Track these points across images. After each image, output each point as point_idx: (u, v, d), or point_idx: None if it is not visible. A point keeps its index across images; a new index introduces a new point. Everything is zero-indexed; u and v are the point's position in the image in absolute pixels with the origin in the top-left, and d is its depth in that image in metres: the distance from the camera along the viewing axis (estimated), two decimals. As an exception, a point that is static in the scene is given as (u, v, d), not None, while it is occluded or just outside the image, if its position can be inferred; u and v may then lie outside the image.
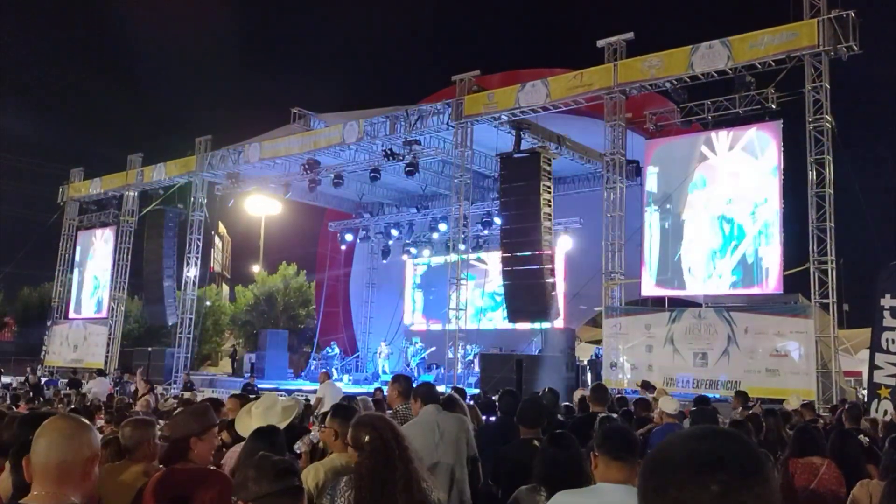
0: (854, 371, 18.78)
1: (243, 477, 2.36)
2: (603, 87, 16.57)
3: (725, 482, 1.00)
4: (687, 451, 1.05)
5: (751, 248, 15.12)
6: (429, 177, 23.13)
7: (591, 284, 17.97)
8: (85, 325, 27.67)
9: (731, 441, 1.07)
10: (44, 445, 2.22)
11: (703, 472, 1.01)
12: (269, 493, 2.26)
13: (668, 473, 1.03)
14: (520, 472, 3.85)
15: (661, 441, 1.15)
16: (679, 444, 1.07)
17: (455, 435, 4.89)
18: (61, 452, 2.23)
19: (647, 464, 1.10)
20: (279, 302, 38.27)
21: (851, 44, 14.01)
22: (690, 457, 1.04)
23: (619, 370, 15.84)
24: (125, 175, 26.76)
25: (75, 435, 2.27)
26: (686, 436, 1.10)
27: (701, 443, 1.06)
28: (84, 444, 2.27)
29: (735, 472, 1.02)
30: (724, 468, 1.01)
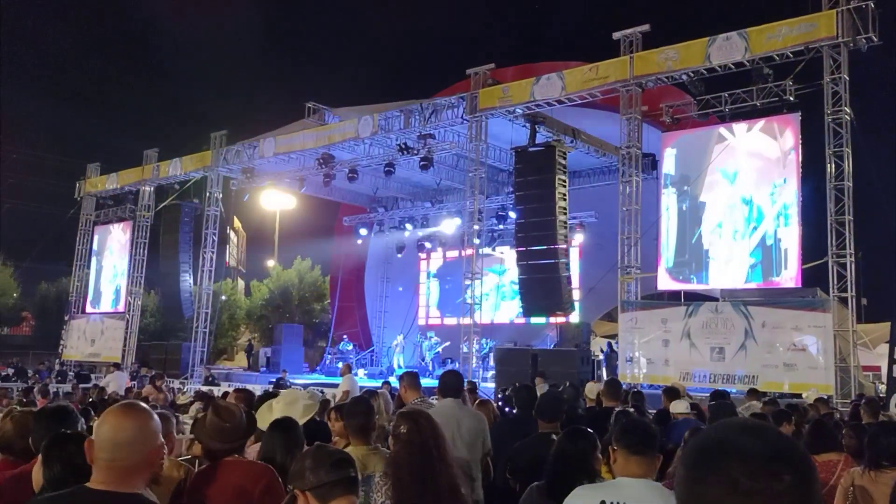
0: (873, 366, 18.61)
1: (300, 467, 2.39)
2: (619, 79, 16.47)
3: (797, 474, 1.03)
4: (756, 441, 1.05)
5: (770, 230, 14.92)
6: (443, 171, 23.10)
7: (607, 278, 17.89)
8: (102, 319, 27.88)
9: (787, 438, 1.09)
10: (108, 433, 2.17)
11: (777, 464, 1.03)
12: (326, 482, 2.31)
13: (736, 463, 1.03)
14: (537, 466, 3.83)
15: (706, 432, 1.13)
16: (740, 436, 1.07)
17: (473, 432, 4.88)
18: (126, 440, 2.19)
19: (701, 451, 1.09)
20: (294, 296, 38.39)
21: (871, 35, 13.85)
22: (763, 448, 1.04)
23: (634, 365, 15.76)
24: (141, 170, 26.92)
25: (140, 422, 2.24)
26: (740, 427, 1.10)
27: (764, 435, 1.07)
28: (149, 433, 2.24)
29: (802, 466, 1.04)
30: (792, 462, 1.04)
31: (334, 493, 2.32)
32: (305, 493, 2.33)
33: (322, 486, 2.31)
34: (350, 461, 2.45)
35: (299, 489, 2.35)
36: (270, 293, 38.94)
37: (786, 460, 1.04)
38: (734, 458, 1.04)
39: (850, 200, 13.83)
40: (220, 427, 3.40)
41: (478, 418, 5.10)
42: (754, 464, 1.03)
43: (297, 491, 2.37)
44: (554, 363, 17.08)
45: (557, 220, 17.64)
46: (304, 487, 2.34)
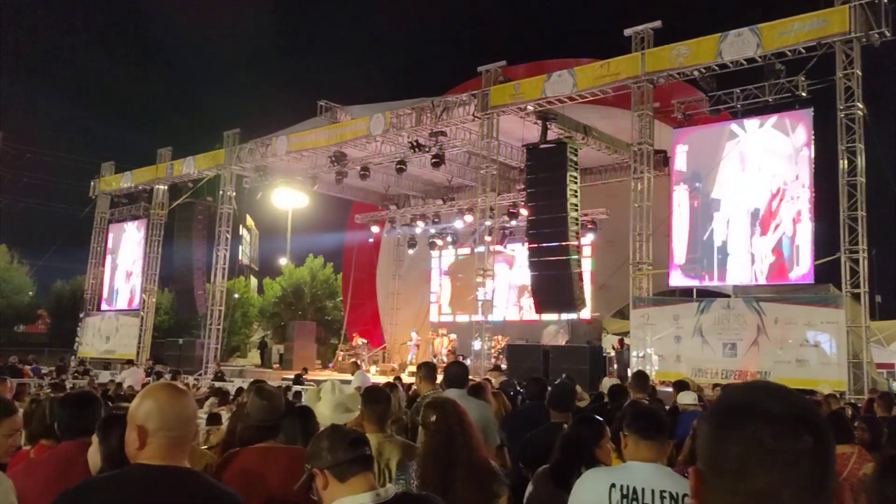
0: (887, 363, 18.56)
1: (317, 447, 2.47)
2: (630, 76, 16.46)
3: (817, 437, 1.09)
4: (781, 404, 1.11)
5: (783, 226, 14.88)
6: (455, 168, 23.15)
7: (619, 275, 17.90)
8: (117, 316, 28.11)
9: (809, 403, 1.15)
10: (175, 408, 2.23)
11: (800, 425, 1.09)
12: (344, 461, 2.39)
13: (761, 423, 1.09)
14: (548, 455, 3.89)
15: (733, 393, 1.18)
16: (766, 398, 1.13)
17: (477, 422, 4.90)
18: (190, 415, 2.27)
19: (727, 411, 1.15)
20: (306, 294, 38.59)
21: (884, 29, 13.80)
22: (788, 410, 1.10)
23: (646, 361, 15.77)
24: (155, 169, 27.12)
25: (190, 398, 2.31)
26: (765, 389, 1.15)
27: (788, 398, 1.13)
28: (191, 408, 2.31)
29: (821, 430, 1.10)
30: (814, 425, 1.10)
31: (351, 470, 2.39)
32: (324, 471, 2.41)
33: (340, 465, 2.39)
34: (365, 441, 2.53)
35: (318, 468, 2.43)
36: (283, 291, 39.16)
37: (808, 423, 1.09)
38: (759, 418, 1.10)
39: (862, 196, 13.79)
40: (262, 406, 3.51)
41: (482, 408, 5.09)
42: (778, 425, 1.09)
43: (315, 470, 2.44)
44: (565, 359, 17.14)
45: (569, 217, 17.65)
46: (322, 466, 2.41)
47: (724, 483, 1.11)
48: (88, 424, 3.33)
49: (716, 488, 1.12)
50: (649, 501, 2.82)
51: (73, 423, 3.35)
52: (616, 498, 2.86)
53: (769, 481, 1.07)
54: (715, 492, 1.12)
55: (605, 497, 2.87)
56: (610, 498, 2.86)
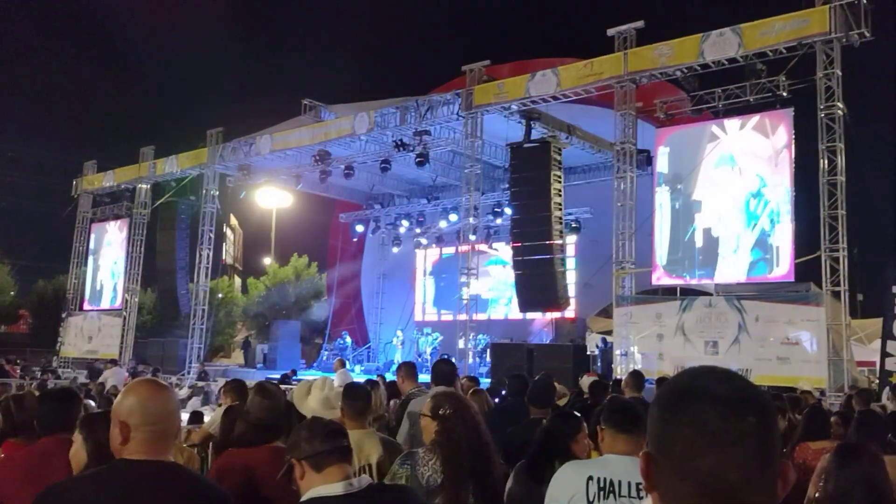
0: (868, 361, 18.72)
1: (296, 437, 2.53)
2: (613, 75, 16.54)
3: (760, 416, 1.13)
4: (725, 386, 1.15)
5: (763, 225, 15.00)
6: (439, 167, 23.17)
7: (602, 274, 17.99)
8: (99, 316, 27.92)
9: (752, 384, 1.20)
10: (157, 403, 2.24)
11: (744, 406, 1.13)
12: (321, 451, 2.44)
13: (706, 405, 1.13)
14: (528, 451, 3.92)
15: (679, 377, 1.22)
16: (711, 380, 1.17)
17: None
18: (172, 409, 2.28)
19: (675, 394, 1.18)
20: (291, 293, 38.47)
21: (863, 30, 13.92)
22: (731, 392, 1.14)
23: (629, 359, 15.86)
24: (138, 168, 26.93)
25: (173, 393, 2.33)
26: (710, 372, 1.19)
27: (732, 380, 1.17)
28: (172, 403, 2.32)
29: (765, 409, 1.15)
30: (757, 405, 1.14)
31: (328, 460, 2.43)
32: (301, 461, 2.43)
33: (317, 455, 2.43)
34: (343, 432, 2.56)
35: (295, 458, 2.47)
36: (267, 290, 39.02)
37: (751, 404, 1.13)
38: (705, 400, 1.13)
39: (842, 195, 13.92)
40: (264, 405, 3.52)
41: None
42: (723, 406, 1.12)
43: (293, 460, 2.47)
44: (549, 358, 17.22)
45: (553, 216, 17.72)
46: (299, 456, 2.46)
47: (673, 465, 1.13)
48: (68, 421, 3.33)
49: (666, 470, 1.15)
50: (626, 494, 2.85)
51: (53, 420, 3.35)
52: (593, 490, 2.89)
53: (716, 461, 1.10)
54: (665, 474, 1.15)
55: (583, 489, 2.90)
56: (587, 490, 2.89)
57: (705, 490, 1.10)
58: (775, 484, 1.13)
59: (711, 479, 1.10)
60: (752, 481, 1.10)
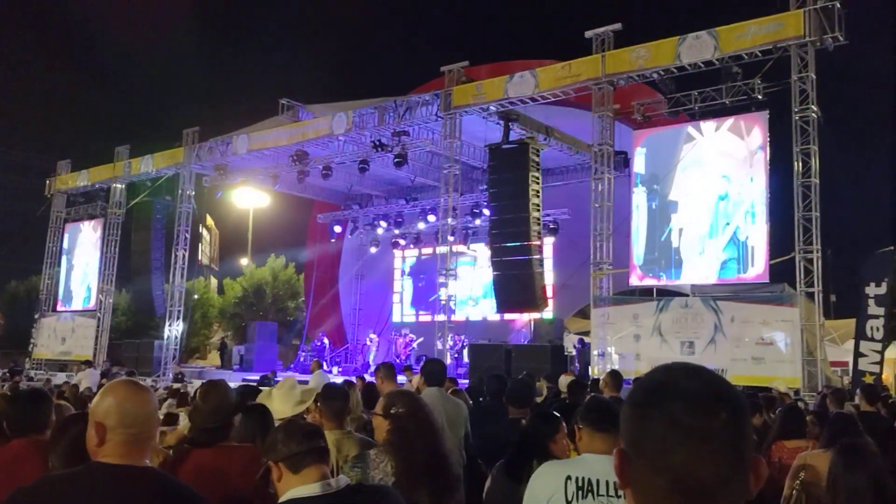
0: (841, 361, 18.94)
1: (273, 439, 2.50)
2: (591, 77, 16.63)
3: (731, 413, 1.13)
4: (697, 382, 1.16)
5: (738, 227, 15.14)
6: (418, 168, 23.14)
7: (580, 275, 18.07)
8: (73, 317, 27.58)
9: (724, 380, 1.19)
10: (135, 406, 2.18)
11: (715, 402, 1.13)
12: (298, 452, 2.42)
13: (678, 402, 1.13)
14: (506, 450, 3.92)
15: (651, 374, 1.21)
16: (682, 377, 1.17)
17: (459, 422, 4.97)
18: (149, 412, 2.22)
19: (646, 392, 1.19)
20: (268, 294, 38.26)
21: (837, 34, 14.11)
22: (703, 388, 1.15)
23: (606, 359, 15.94)
24: (112, 167, 26.65)
25: (151, 395, 2.26)
26: (682, 369, 1.19)
27: (704, 377, 1.17)
28: (151, 405, 2.26)
29: (736, 405, 1.15)
30: (728, 401, 1.14)
31: (305, 462, 2.41)
32: (278, 463, 2.42)
33: (293, 456, 2.41)
34: (320, 433, 2.55)
35: (272, 460, 2.46)
36: (244, 291, 38.77)
37: (723, 400, 1.14)
38: (676, 397, 1.13)
39: (816, 197, 14.09)
40: (205, 407, 3.47)
41: (459, 406, 5.19)
42: (694, 402, 1.12)
43: (270, 462, 2.46)
44: (527, 359, 17.27)
45: (531, 217, 17.77)
46: (276, 458, 2.44)
47: (645, 462, 1.14)
48: (39, 422, 3.28)
49: (639, 467, 1.15)
50: (604, 493, 2.85)
51: (24, 421, 3.29)
52: (572, 490, 2.88)
53: (687, 458, 1.10)
54: (638, 471, 1.15)
55: (561, 489, 2.89)
56: (566, 490, 2.89)
57: (677, 486, 1.11)
58: (748, 480, 1.13)
59: (683, 475, 1.10)
60: (723, 477, 1.10)
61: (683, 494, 1.10)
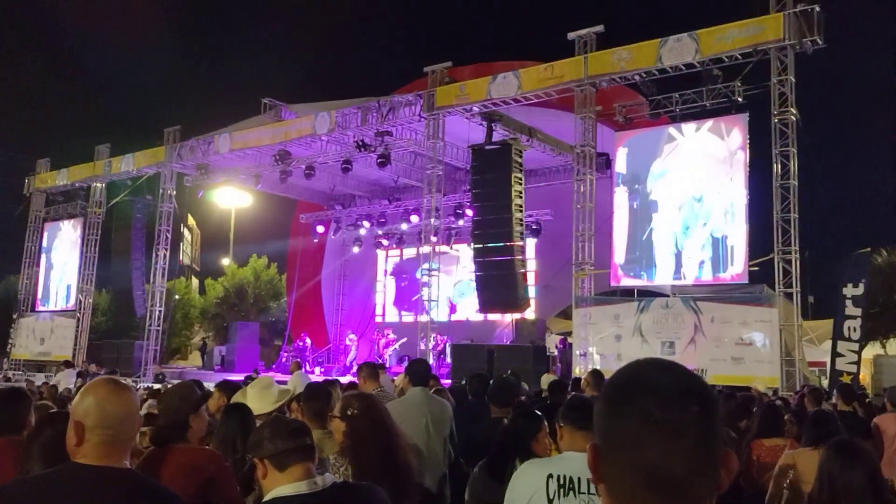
0: (819, 361, 19.14)
1: (258, 437, 2.48)
2: (573, 79, 16.70)
3: (703, 406, 1.14)
4: (668, 377, 1.17)
5: (718, 228, 15.25)
6: (401, 168, 23.13)
7: (562, 276, 18.13)
8: (52, 317, 27.32)
9: (695, 375, 1.21)
10: (116, 407, 2.14)
11: (686, 396, 1.14)
12: (284, 449, 2.40)
13: (650, 397, 1.14)
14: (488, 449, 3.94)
15: (623, 371, 1.22)
16: (654, 373, 1.18)
17: (442, 419, 4.96)
18: (131, 413, 2.18)
19: (618, 387, 1.20)
20: (250, 295, 38.07)
21: (816, 38, 14.27)
22: (674, 383, 1.16)
23: (588, 359, 16.01)
24: (93, 166, 26.42)
25: (134, 395, 2.24)
26: (653, 365, 1.20)
27: (675, 372, 1.18)
28: (132, 406, 2.22)
29: (707, 399, 1.16)
30: (699, 395, 1.15)
31: (291, 459, 2.40)
32: (263, 461, 2.41)
33: (280, 454, 2.40)
34: (306, 430, 2.54)
35: (258, 458, 2.44)
36: (225, 291, 38.55)
37: (694, 394, 1.14)
38: (648, 391, 1.14)
39: (795, 199, 14.25)
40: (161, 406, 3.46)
41: (444, 406, 5.18)
42: (665, 397, 1.13)
43: (255, 460, 2.45)
44: (509, 359, 17.30)
45: (514, 218, 17.82)
46: (262, 456, 2.42)
47: (619, 457, 1.15)
48: (16, 422, 3.25)
49: (612, 463, 1.16)
50: (585, 490, 2.87)
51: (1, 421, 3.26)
52: (553, 488, 2.90)
53: (659, 452, 1.11)
54: (612, 466, 1.16)
55: (543, 487, 2.91)
56: (547, 488, 2.91)
57: (650, 481, 1.11)
58: (718, 474, 1.14)
59: (656, 469, 1.11)
60: (695, 471, 1.11)
61: (656, 489, 1.11)
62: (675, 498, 1.11)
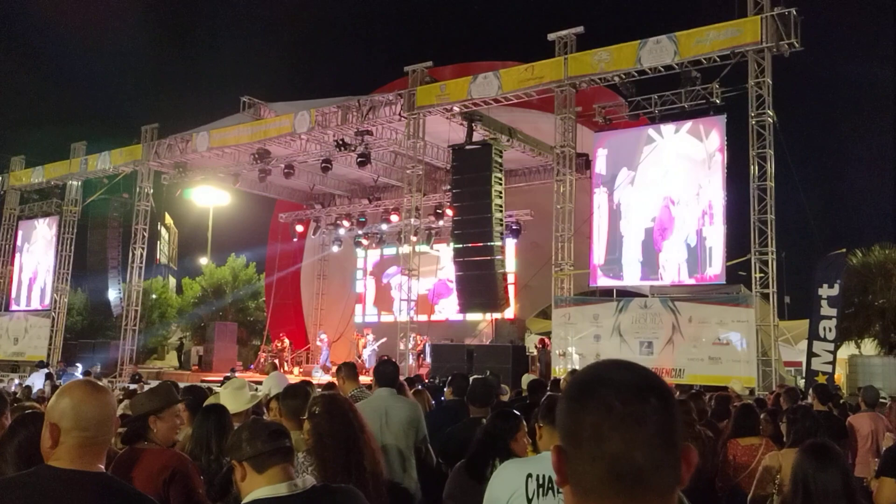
0: (795, 361, 19.33)
1: (237, 438, 2.46)
2: (553, 80, 16.75)
3: (661, 398, 1.19)
4: (627, 374, 1.22)
5: (696, 228, 15.35)
6: (381, 168, 23.09)
7: (542, 276, 18.18)
8: (26, 317, 26.97)
9: (652, 371, 1.26)
10: (94, 410, 2.11)
11: (645, 390, 1.19)
12: (263, 452, 2.39)
13: (611, 391, 1.18)
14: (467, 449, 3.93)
15: (584, 370, 1.26)
16: (613, 370, 1.23)
17: (405, 420, 4.93)
18: (108, 415, 2.16)
19: (580, 384, 1.23)
20: (228, 294, 37.80)
21: (793, 41, 14.41)
22: (633, 378, 1.21)
23: (567, 359, 16.07)
24: (68, 164, 26.12)
25: (111, 398, 2.21)
26: (613, 363, 1.25)
27: (633, 368, 1.24)
28: (109, 408, 2.19)
29: (665, 392, 1.21)
30: (657, 389, 1.21)
31: (271, 461, 2.39)
32: (242, 463, 2.39)
33: (259, 456, 2.39)
34: (285, 432, 2.52)
35: (236, 460, 2.43)
36: (203, 291, 38.25)
37: (653, 388, 1.20)
38: (608, 387, 1.19)
39: (772, 200, 14.39)
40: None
41: (411, 407, 5.13)
42: (626, 391, 1.18)
43: (234, 462, 2.43)
44: (489, 359, 17.33)
45: (494, 218, 17.85)
46: (241, 458, 2.41)
47: (583, 452, 1.17)
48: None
49: (577, 459, 1.18)
50: (563, 490, 2.87)
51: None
52: (532, 487, 2.90)
53: (622, 442, 1.15)
54: (577, 463, 1.18)
55: (522, 487, 2.91)
56: (527, 488, 2.91)
57: (614, 473, 1.15)
58: (680, 466, 1.18)
59: (619, 461, 1.15)
60: (658, 461, 1.15)
61: (620, 480, 1.14)
62: (638, 488, 1.15)
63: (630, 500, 1.15)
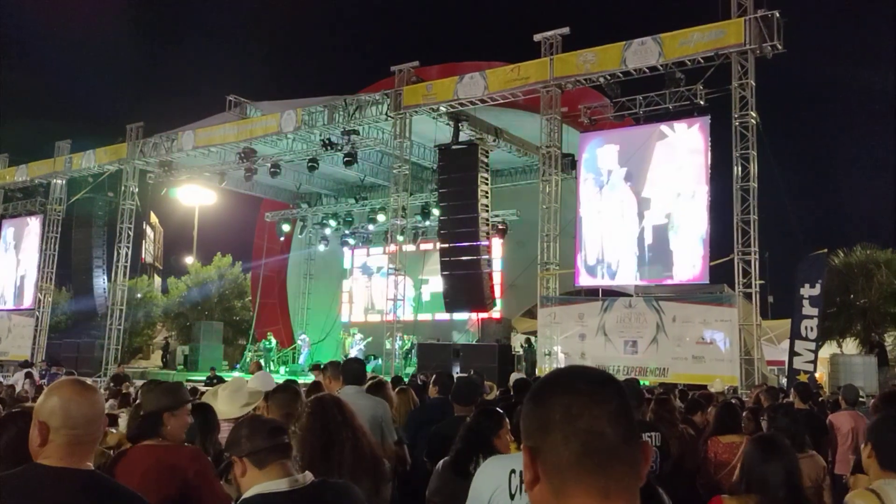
0: (777, 360, 19.52)
1: (237, 435, 2.50)
2: (539, 80, 16.83)
3: (618, 386, 1.29)
4: (590, 370, 1.32)
5: (679, 228, 15.46)
6: (367, 167, 23.11)
7: (528, 275, 18.26)
8: (9, 316, 26.77)
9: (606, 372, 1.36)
10: (83, 408, 2.12)
11: (605, 381, 1.29)
12: (263, 448, 2.43)
13: (577, 377, 1.28)
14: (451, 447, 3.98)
15: (546, 376, 1.35)
16: (573, 369, 1.33)
17: (369, 419, 4.89)
18: (98, 414, 2.17)
19: (545, 382, 1.32)
20: (214, 294, 37.67)
21: (776, 43, 14.55)
22: (596, 372, 1.31)
23: (552, 358, 16.16)
24: (53, 162, 25.96)
25: (99, 396, 2.22)
26: (571, 368, 1.35)
27: (589, 370, 1.32)
28: (98, 407, 2.20)
29: (618, 385, 1.30)
30: (613, 379, 1.31)
31: (270, 458, 2.43)
32: (242, 459, 2.43)
33: (259, 452, 2.43)
34: (284, 429, 2.57)
35: (237, 456, 2.46)
36: (189, 290, 38.09)
37: (608, 378, 1.31)
38: (574, 378, 1.29)
39: (755, 200, 14.52)
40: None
41: (377, 405, 5.04)
42: (588, 378, 1.29)
43: (234, 458, 2.47)
44: (475, 358, 17.39)
45: (480, 218, 17.92)
46: (240, 454, 2.45)
47: (555, 436, 1.23)
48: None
49: (549, 448, 1.23)
50: (546, 486, 2.92)
51: None
52: (516, 483, 2.94)
53: (592, 419, 1.22)
54: (549, 452, 1.23)
55: (506, 483, 2.95)
56: (510, 484, 2.95)
57: (589, 448, 1.21)
58: (640, 454, 1.26)
59: (592, 435, 1.21)
60: (624, 437, 1.23)
61: (594, 455, 1.21)
62: (612, 461, 1.21)
63: (604, 477, 1.21)
